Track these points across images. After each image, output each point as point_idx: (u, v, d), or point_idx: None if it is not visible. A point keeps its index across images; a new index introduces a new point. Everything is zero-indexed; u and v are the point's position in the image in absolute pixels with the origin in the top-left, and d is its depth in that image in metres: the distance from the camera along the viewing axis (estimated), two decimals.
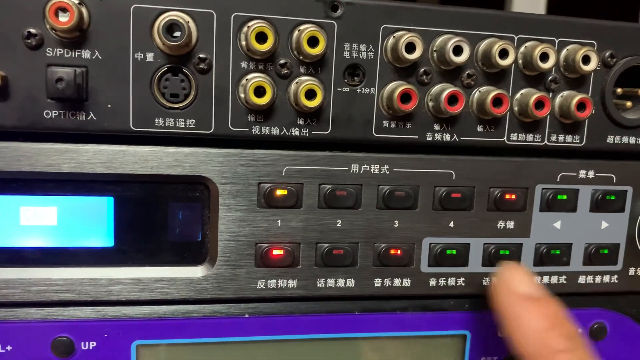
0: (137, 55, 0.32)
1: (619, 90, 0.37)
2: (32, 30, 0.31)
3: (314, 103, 0.33)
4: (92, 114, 0.32)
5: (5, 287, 0.33)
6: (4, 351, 0.34)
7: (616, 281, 0.40)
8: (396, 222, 0.36)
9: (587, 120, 0.37)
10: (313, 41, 0.32)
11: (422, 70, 0.34)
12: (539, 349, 0.32)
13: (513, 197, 0.37)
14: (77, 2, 0.30)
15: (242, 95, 0.33)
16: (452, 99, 0.34)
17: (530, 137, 0.37)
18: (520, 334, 0.33)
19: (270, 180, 0.35)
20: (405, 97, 0.34)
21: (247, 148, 0.34)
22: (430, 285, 0.38)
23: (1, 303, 0.34)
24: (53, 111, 0.32)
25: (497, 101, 0.35)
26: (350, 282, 0.37)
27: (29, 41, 0.31)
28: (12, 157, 0.32)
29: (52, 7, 0.30)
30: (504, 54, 0.34)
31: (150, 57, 0.32)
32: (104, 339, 0.35)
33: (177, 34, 0.31)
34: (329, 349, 0.38)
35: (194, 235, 0.35)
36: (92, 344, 0.35)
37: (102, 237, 0.34)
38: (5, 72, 0.31)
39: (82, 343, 0.35)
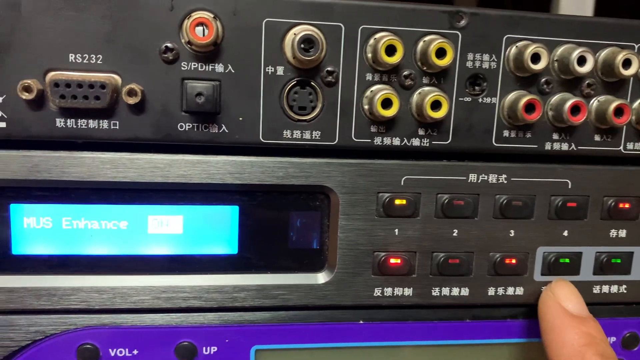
0: (268, 69, 0.32)
1: None
2: (169, 45, 0.31)
3: (439, 114, 0.33)
4: (224, 127, 0.32)
5: (135, 294, 0.34)
6: (130, 355, 0.35)
7: None
8: (512, 231, 0.36)
9: None
10: (440, 52, 0.32)
11: (544, 79, 0.34)
12: None
13: (627, 205, 0.37)
14: (212, 16, 0.31)
15: (367, 107, 0.33)
16: (575, 109, 0.34)
17: None
18: (558, 345, 0.34)
19: (389, 190, 0.35)
20: (529, 107, 0.34)
21: (366, 158, 0.35)
22: None
23: (131, 309, 0.35)
24: (187, 124, 0.32)
25: (619, 111, 0.34)
26: (465, 291, 0.37)
27: (166, 55, 0.31)
28: (145, 169, 0.33)
29: (193, 23, 0.30)
30: (626, 63, 0.34)
31: (280, 70, 0.32)
32: (225, 343, 0.36)
33: (306, 45, 0.31)
34: (439, 355, 0.38)
35: (314, 243, 0.36)
36: (214, 348, 0.36)
37: (226, 244, 0.35)
38: (143, 86, 0.31)
39: (204, 348, 0.36)
